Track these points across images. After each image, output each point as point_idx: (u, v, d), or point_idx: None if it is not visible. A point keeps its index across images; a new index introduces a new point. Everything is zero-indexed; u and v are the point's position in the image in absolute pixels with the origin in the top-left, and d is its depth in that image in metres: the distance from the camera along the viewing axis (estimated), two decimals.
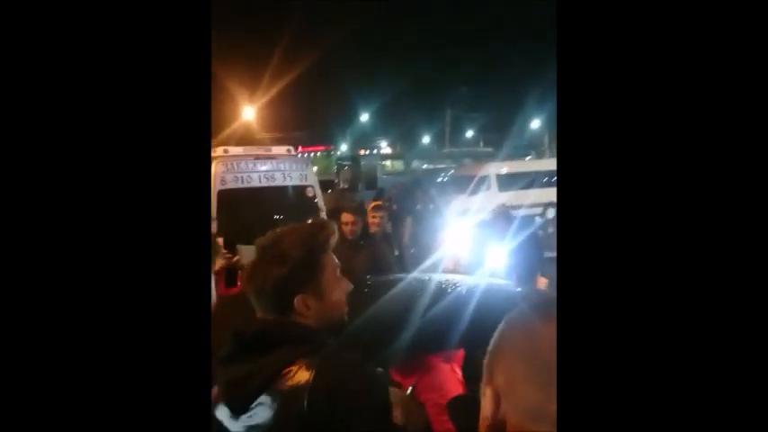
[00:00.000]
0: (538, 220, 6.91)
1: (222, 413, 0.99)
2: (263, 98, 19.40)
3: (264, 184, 6.15)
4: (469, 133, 33.45)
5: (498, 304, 2.24)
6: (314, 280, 1.05)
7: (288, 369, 0.95)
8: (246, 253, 4.92)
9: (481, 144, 29.54)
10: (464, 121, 32.18)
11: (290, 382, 0.94)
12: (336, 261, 1.11)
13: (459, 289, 2.35)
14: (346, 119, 28.42)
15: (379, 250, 3.61)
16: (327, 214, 6.45)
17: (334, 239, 1.12)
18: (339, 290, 1.09)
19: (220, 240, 4.57)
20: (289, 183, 6.29)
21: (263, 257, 1.08)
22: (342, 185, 17.69)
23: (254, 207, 5.87)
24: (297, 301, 1.04)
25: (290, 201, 6.29)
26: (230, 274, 4.51)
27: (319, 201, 6.48)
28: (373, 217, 3.69)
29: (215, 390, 1.01)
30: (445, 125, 29.88)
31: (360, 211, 3.78)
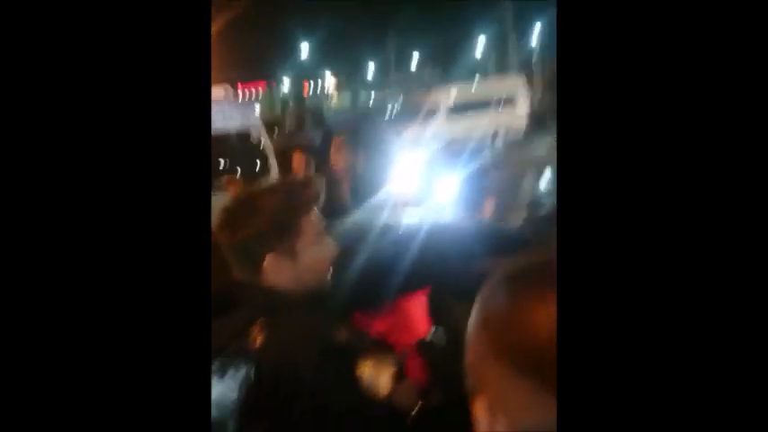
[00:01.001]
0: (486, 149, 6.91)
1: None
2: None
3: None
4: (415, 58, 32.89)
5: (453, 238, 2.23)
6: (289, 241, 1.01)
7: (243, 332, 0.94)
8: None
9: (427, 68, 29.10)
10: (408, 46, 31.52)
11: (242, 346, 0.93)
12: (319, 221, 1.06)
13: (413, 225, 2.31)
14: (287, 51, 27.35)
15: (338, 189, 3.54)
16: (279, 153, 6.26)
17: (320, 199, 1.07)
18: (319, 252, 1.05)
19: None
20: (231, 127, 5.99)
21: (238, 211, 1.03)
22: (288, 125, 17.26)
23: None
24: (267, 259, 0.99)
25: (236, 145, 6.01)
26: None
27: (266, 142, 6.22)
28: (337, 152, 3.59)
29: None
30: (389, 52, 29.20)
31: (312, 149, 3.68)
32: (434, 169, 4.33)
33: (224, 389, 0.92)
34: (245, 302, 1.01)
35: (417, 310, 2.07)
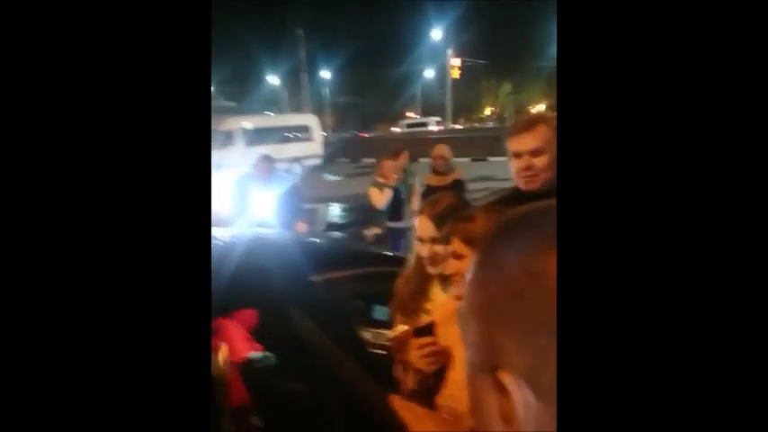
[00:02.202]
0: (289, 174, 6.97)
1: None
2: None
3: None
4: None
5: (272, 251, 2.21)
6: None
7: None
8: None
9: (221, 99, 28.41)
10: None
11: None
12: None
13: (229, 244, 2.22)
14: None
15: None
16: None
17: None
18: None
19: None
20: None
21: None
22: None
23: None
24: None
25: None
26: None
27: None
28: None
29: None
30: None
31: None
32: (244, 189, 4.25)
33: None
34: None
35: (237, 330, 1.98)
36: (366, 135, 26.90)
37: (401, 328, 1.45)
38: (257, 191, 4.10)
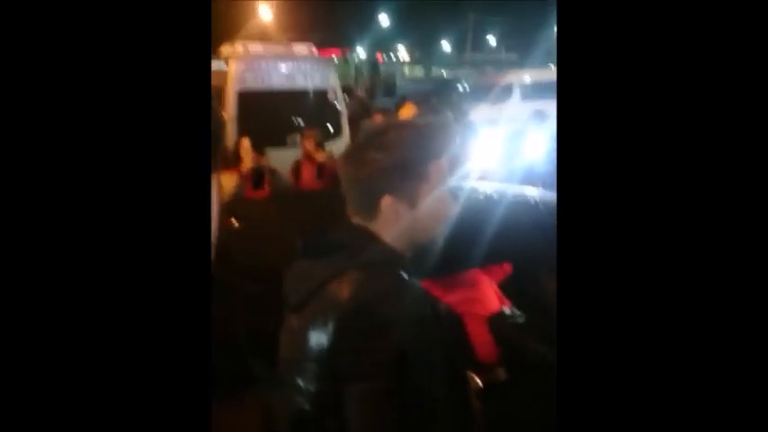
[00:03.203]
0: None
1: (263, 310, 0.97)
2: None
3: (285, 85, 5.91)
4: (492, 39, 32.06)
5: (533, 214, 2.20)
6: (413, 185, 0.92)
7: (336, 279, 0.88)
8: (275, 156, 4.88)
9: (503, 51, 28.37)
10: (486, 26, 30.73)
11: (332, 294, 0.87)
12: (446, 171, 0.96)
13: (496, 199, 2.28)
14: (363, 21, 27.23)
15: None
16: (349, 120, 6.28)
17: (451, 148, 0.97)
18: (438, 204, 0.94)
19: (246, 141, 4.50)
20: (310, 85, 6.04)
21: (367, 144, 0.94)
22: (360, 92, 17.30)
23: (275, 110, 5.67)
24: (384, 202, 0.91)
25: (311, 104, 6.07)
26: (258, 176, 4.47)
27: (341, 105, 6.26)
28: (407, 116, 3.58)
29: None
30: (467, 30, 28.58)
31: (389, 114, 3.68)
32: (513, 146, 4.27)
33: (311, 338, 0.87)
34: (348, 247, 0.92)
35: (490, 284, 2.04)
36: None
37: None
38: (528, 148, 4.08)
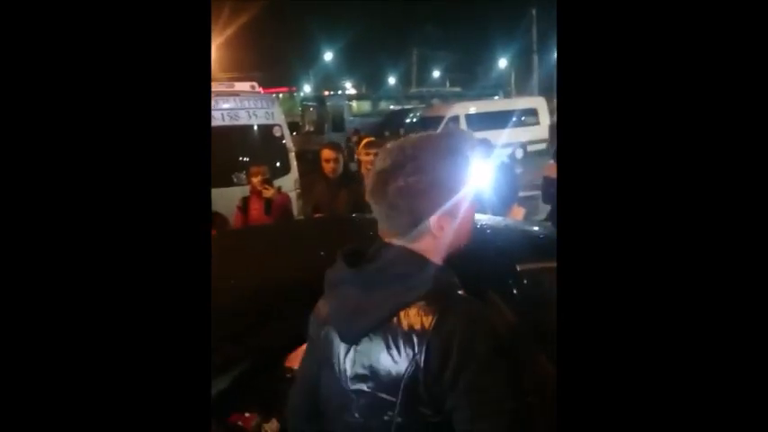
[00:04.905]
0: (507, 160, 6.82)
1: (330, 339, 0.93)
2: (221, 37, 18.62)
3: (228, 122, 5.75)
4: (436, 73, 32.92)
5: (481, 235, 2.14)
6: (451, 197, 0.88)
7: (407, 308, 0.85)
8: (219, 195, 4.70)
9: (448, 84, 29.12)
10: (431, 61, 31.59)
11: (407, 322, 0.84)
12: (470, 177, 0.92)
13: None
14: (309, 59, 27.50)
15: (362, 188, 3.46)
16: (297, 155, 6.18)
17: (471, 149, 0.93)
18: (471, 211, 0.92)
19: None
20: (254, 122, 5.91)
21: (394, 166, 0.88)
22: (307, 127, 17.22)
23: (218, 147, 5.48)
24: (433, 221, 0.87)
25: (257, 141, 5.93)
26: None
27: (287, 141, 6.15)
28: (367, 154, 3.54)
29: (326, 311, 0.94)
30: (412, 64, 29.26)
31: (339, 148, 3.65)
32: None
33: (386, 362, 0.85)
34: (406, 274, 0.89)
35: None
36: None
37: None
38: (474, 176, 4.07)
